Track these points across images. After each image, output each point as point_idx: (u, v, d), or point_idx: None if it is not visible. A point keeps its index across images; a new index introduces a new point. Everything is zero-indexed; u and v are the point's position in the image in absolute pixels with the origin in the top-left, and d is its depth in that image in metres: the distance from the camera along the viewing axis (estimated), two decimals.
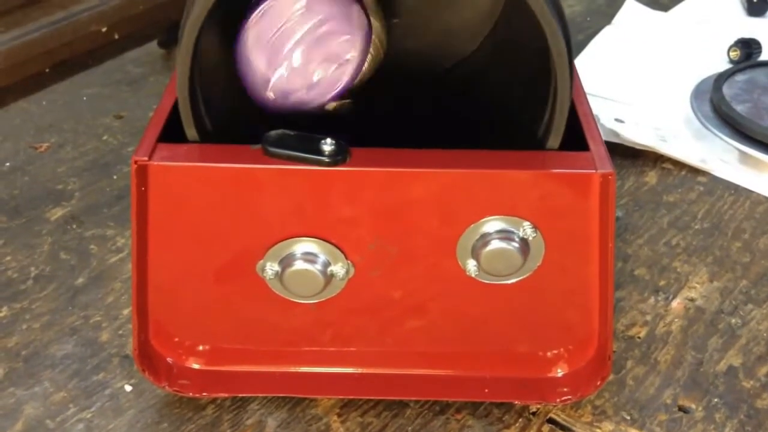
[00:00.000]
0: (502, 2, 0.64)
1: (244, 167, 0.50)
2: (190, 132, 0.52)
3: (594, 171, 0.50)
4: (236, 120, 0.58)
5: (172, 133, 0.53)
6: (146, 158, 0.50)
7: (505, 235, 0.52)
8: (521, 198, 0.51)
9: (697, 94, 0.88)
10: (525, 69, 0.58)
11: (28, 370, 0.60)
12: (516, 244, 0.52)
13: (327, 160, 0.49)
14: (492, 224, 0.52)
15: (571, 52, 0.51)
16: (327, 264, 0.53)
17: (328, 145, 0.50)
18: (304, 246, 0.52)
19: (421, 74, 0.64)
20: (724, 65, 0.94)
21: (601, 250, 0.52)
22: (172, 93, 0.54)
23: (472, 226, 0.52)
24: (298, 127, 0.51)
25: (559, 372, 0.57)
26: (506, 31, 0.64)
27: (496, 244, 0.52)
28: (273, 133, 0.50)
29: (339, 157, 0.50)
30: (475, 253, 0.52)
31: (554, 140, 0.52)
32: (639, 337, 0.64)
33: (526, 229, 0.52)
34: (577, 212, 0.51)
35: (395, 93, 0.62)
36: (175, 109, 0.53)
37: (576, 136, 0.53)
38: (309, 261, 0.52)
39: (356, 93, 0.56)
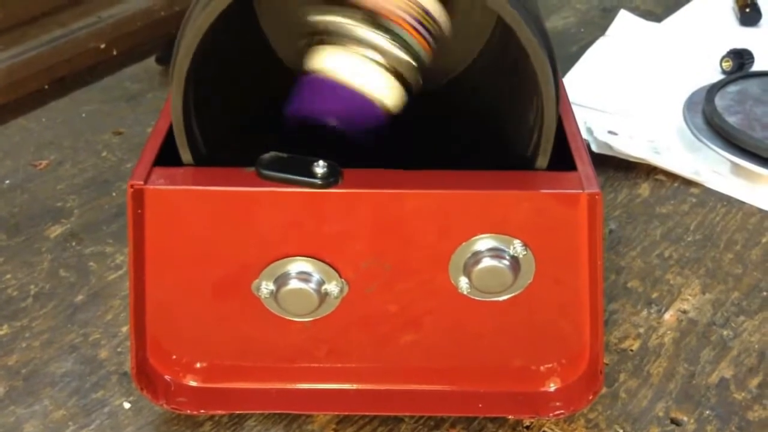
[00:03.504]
0: (493, 22, 0.65)
1: (238, 190, 0.51)
2: (185, 156, 0.53)
3: (581, 191, 0.51)
4: (230, 142, 0.58)
5: (169, 154, 0.54)
6: (142, 182, 0.51)
7: (496, 253, 0.52)
8: (511, 217, 0.52)
9: (690, 105, 0.89)
10: (514, 89, 0.59)
11: (28, 389, 0.61)
12: (507, 262, 0.53)
13: (319, 182, 0.50)
14: (483, 242, 0.53)
15: (557, 74, 0.52)
16: (321, 283, 0.54)
17: (320, 168, 0.50)
18: (298, 265, 0.53)
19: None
20: (717, 76, 0.95)
21: (590, 267, 0.53)
22: (168, 115, 0.55)
23: (463, 244, 0.53)
24: (293, 150, 0.52)
25: (552, 386, 0.58)
26: (496, 51, 0.65)
27: (487, 262, 0.53)
28: (266, 156, 0.51)
29: (331, 179, 0.50)
30: (466, 271, 0.53)
31: (542, 160, 0.52)
32: (632, 350, 0.64)
33: (517, 247, 0.53)
34: (566, 231, 0.52)
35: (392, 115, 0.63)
36: (171, 130, 0.53)
37: (565, 154, 0.54)
38: (303, 280, 0.53)
39: None
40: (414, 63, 0.55)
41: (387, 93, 0.56)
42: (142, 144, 0.55)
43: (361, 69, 0.55)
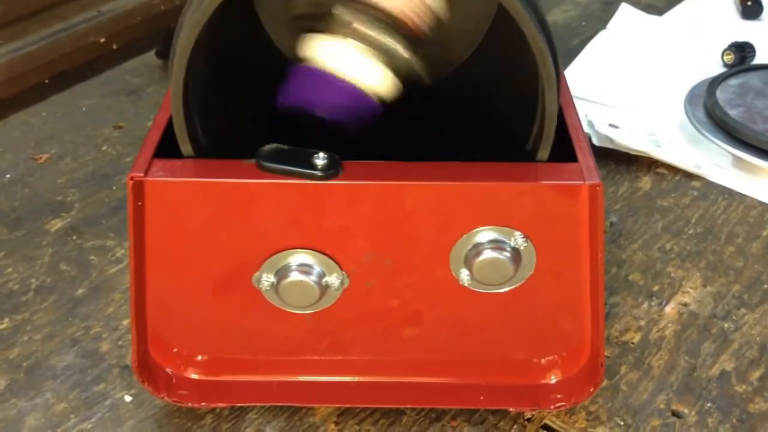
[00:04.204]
0: (492, 15, 0.65)
1: (238, 182, 0.51)
2: (185, 147, 0.53)
3: (582, 182, 0.51)
4: (230, 134, 0.58)
5: (169, 146, 0.54)
6: (142, 174, 0.51)
7: (497, 245, 0.52)
8: (512, 209, 0.52)
9: (691, 98, 0.89)
10: (514, 81, 0.59)
11: (30, 382, 0.61)
12: (507, 254, 0.52)
13: (320, 174, 0.50)
14: (484, 234, 0.52)
15: (558, 66, 0.51)
16: (322, 275, 0.54)
17: (320, 159, 0.50)
18: (299, 258, 0.53)
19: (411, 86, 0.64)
20: (719, 69, 0.94)
21: (591, 259, 0.53)
22: (167, 107, 0.55)
23: (464, 236, 0.53)
24: (293, 142, 0.52)
25: (553, 379, 0.58)
26: (496, 44, 0.64)
27: (488, 254, 0.52)
28: (266, 147, 0.51)
29: (332, 170, 0.50)
30: (467, 263, 0.53)
31: (543, 152, 0.52)
32: (633, 343, 0.64)
33: (518, 239, 0.53)
34: (567, 222, 0.52)
35: (386, 104, 0.63)
36: (171, 123, 0.53)
37: (566, 146, 0.54)
38: (304, 272, 0.53)
39: None
40: (405, 51, 0.55)
41: (379, 83, 0.55)
42: (142, 138, 0.55)
43: (352, 60, 0.54)
